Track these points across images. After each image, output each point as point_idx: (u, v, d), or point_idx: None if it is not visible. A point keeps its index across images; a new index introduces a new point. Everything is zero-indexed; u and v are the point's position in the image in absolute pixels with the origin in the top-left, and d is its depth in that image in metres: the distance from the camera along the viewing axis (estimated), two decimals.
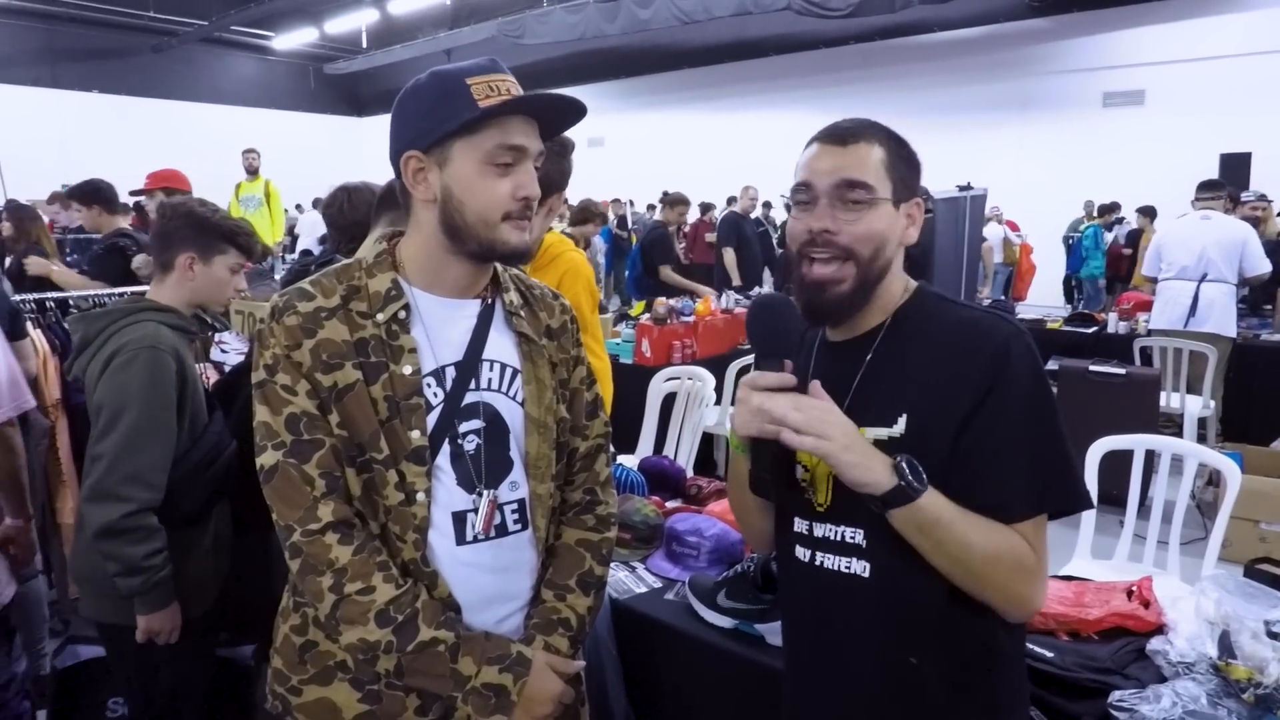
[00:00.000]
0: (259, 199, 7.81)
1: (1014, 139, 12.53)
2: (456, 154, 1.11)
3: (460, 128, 1.09)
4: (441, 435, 1.16)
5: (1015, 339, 1.04)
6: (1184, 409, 4.77)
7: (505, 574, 1.22)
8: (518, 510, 1.23)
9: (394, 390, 1.13)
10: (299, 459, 1.10)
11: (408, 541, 1.14)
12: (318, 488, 1.10)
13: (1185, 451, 2.54)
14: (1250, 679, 1.36)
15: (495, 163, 1.11)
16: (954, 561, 1.01)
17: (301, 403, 1.11)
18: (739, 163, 13.61)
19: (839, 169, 1.08)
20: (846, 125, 1.11)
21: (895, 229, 1.10)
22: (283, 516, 1.11)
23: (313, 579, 1.10)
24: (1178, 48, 11.21)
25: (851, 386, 1.11)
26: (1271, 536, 3.71)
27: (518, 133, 1.12)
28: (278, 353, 1.12)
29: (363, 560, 1.10)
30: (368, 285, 1.17)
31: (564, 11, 13.42)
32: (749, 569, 1.70)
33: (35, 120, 16.44)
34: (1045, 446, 1.03)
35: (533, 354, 1.25)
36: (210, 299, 1.95)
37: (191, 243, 1.88)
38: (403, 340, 1.15)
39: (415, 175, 1.14)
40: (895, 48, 13.55)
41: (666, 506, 2.27)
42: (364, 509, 1.14)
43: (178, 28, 17.55)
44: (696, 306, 5.26)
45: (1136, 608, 1.61)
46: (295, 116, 20.73)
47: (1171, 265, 5.22)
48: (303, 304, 1.14)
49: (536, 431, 1.24)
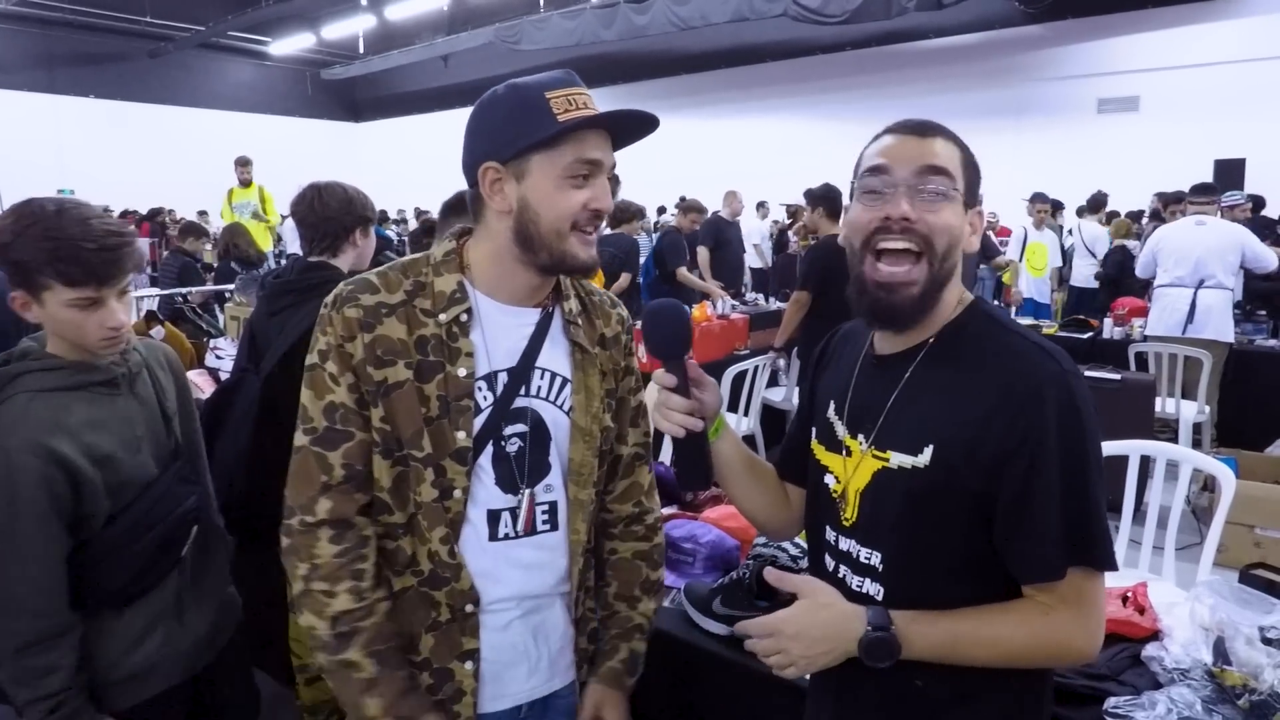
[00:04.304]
0: (254, 205, 7.81)
1: (1009, 145, 12.57)
2: (535, 167, 1.13)
3: (540, 142, 1.11)
4: (486, 437, 1.19)
5: (1054, 383, 0.97)
6: (1179, 414, 4.78)
7: (531, 571, 1.24)
8: (548, 512, 1.25)
9: (447, 390, 1.16)
10: (325, 446, 1.15)
11: (433, 536, 1.18)
12: (335, 476, 1.15)
13: (1180, 457, 2.55)
14: (1245, 685, 1.36)
15: (573, 176, 1.13)
16: (993, 660, 1.02)
17: (342, 395, 1.15)
18: (736, 168, 13.64)
19: (922, 155, 1.03)
20: (921, 120, 1.08)
21: (965, 231, 1.06)
22: (290, 496, 1.17)
23: (293, 561, 1.16)
24: (1172, 54, 11.26)
25: (886, 406, 1.08)
26: (1267, 542, 3.71)
27: (594, 147, 1.14)
28: (331, 341, 1.15)
29: (339, 565, 1.15)
30: (433, 283, 1.19)
31: (561, 17, 13.45)
32: (744, 576, 1.70)
33: (32, 125, 16.45)
34: (1080, 501, 0.98)
35: (585, 363, 1.27)
36: (80, 343, 1.43)
37: (14, 280, 1.40)
38: (461, 343, 1.17)
39: (492, 185, 1.15)
40: (891, 54, 13.60)
41: (662, 513, 2.27)
42: (393, 500, 1.18)
43: (174, 33, 17.58)
44: (693, 312, 5.27)
45: (1132, 614, 1.61)
46: (292, 122, 20.75)
47: (1167, 271, 5.22)
48: (365, 296, 1.16)
49: (582, 439, 1.26)
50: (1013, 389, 0.98)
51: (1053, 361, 0.99)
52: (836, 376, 1.21)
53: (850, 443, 1.13)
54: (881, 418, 1.08)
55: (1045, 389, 0.97)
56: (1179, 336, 5.02)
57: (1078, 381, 0.99)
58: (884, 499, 1.06)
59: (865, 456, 1.09)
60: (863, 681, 1.11)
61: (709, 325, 5.16)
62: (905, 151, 1.04)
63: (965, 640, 1.00)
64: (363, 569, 1.16)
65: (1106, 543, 0.99)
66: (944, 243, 1.02)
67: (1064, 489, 0.97)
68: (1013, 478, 0.97)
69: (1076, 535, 0.98)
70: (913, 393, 1.06)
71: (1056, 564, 0.98)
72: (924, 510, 1.03)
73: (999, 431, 0.97)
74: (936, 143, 1.05)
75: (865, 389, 1.13)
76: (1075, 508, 0.97)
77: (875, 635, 1.00)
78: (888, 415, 1.08)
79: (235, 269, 5.93)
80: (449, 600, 1.20)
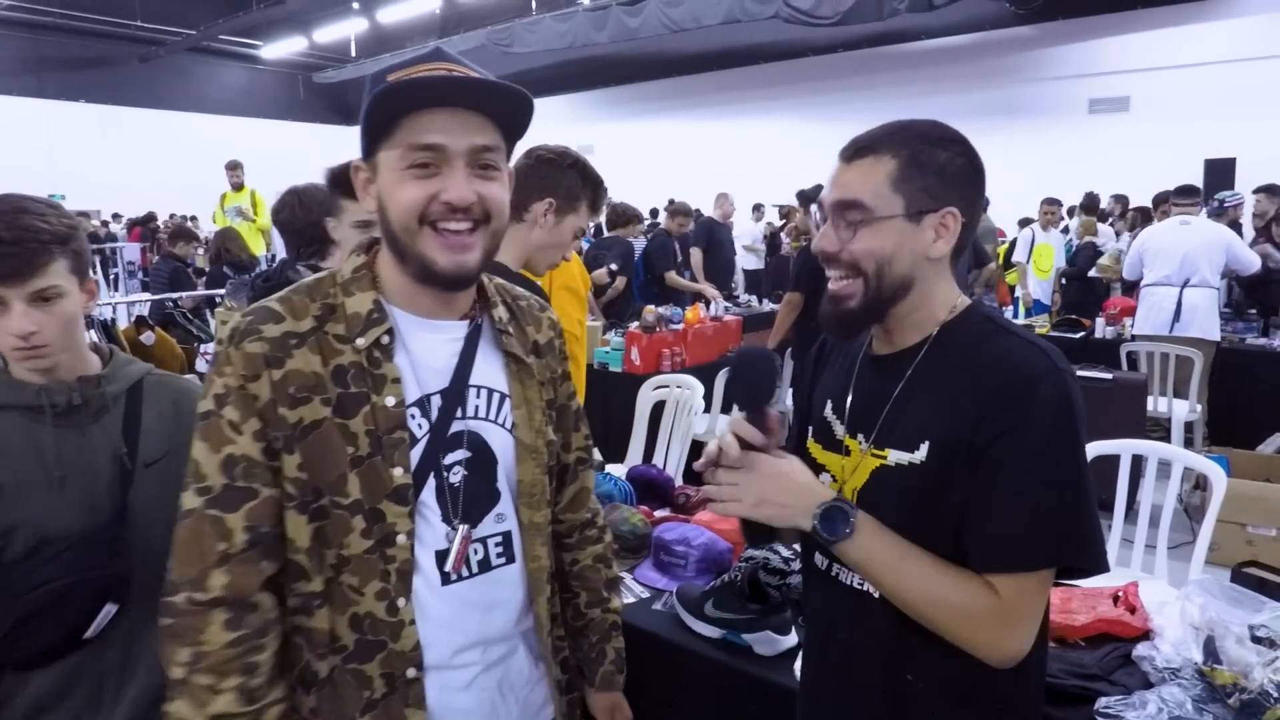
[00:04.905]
0: (246, 209, 7.80)
1: (1000, 145, 12.58)
2: (382, 160, 1.02)
3: (376, 131, 1.00)
4: (426, 470, 1.06)
5: (1047, 380, 0.98)
6: (1171, 413, 4.80)
7: (492, 612, 1.12)
8: (502, 544, 1.13)
9: (376, 424, 1.02)
10: (223, 507, 0.98)
11: (367, 594, 1.02)
12: (236, 542, 0.97)
13: (1172, 456, 2.55)
14: (1235, 684, 1.37)
15: (411, 166, 0.99)
16: (898, 602, 1.03)
17: (244, 445, 0.99)
18: (728, 170, 13.66)
19: (838, 187, 1.07)
20: (862, 138, 1.07)
21: (909, 244, 1.04)
22: (177, 568, 0.98)
23: (173, 646, 0.97)
24: (1162, 54, 11.32)
25: (886, 405, 1.09)
26: (1258, 540, 3.72)
27: (434, 130, 0.98)
28: (230, 383, 0.99)
29: (231, 655, 0.97)
30: (344, 304, 1.05)
31: (553, 20, 13.45)
32: (736, 578, 1.69)
33: (22, 130, 16.37)
34: (1054, 500, 0.97)
35: (522, 374, 1.17)
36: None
37: None
38: (385, 369, 1.04)
39: (365, 187, 1.06)
40: (882, 55, 13.65)
41: (654, 516, 2.26)
42: (309, 563, 1.02)
43: (165, 37, 17.53)
44: (686, 314, 5.26)
45: (1123, 613, 1.61)
46: (283, 126, 20.69)
47: (1153, 271, 5.27)
48: (269, 327, 1.01)
49: (530, 458, 1.15)
50: (1004, 385, 0.99)
51: (1045, 359, 1.00)
52: (834, 377, 1.21)
53: (850, 442, 1.13)
54: (882, 415, 1.09)
55: (1037, 385, 0.98)
56: (1166, 335, 5.05)
57: (1071, 380, 1.00)
58: (882, 497, 1.06)
59: (865, 456, 1.10)
60: (859, 683, 1.12)
61: (701, 327, 5.17)
62: (833, 182, 1.08)
63: (909, 570, 1.01)
64: (257, 662, 0.98)
65: (1088, 544, 0.98)
66: (869, 266, 1.05)
67: (1040, 482, 0.97)
68: (988, 462, 0.98)
69: (1048, 531, 0.97)
70: (911, 392, 1.07)
71: (1015, 554, 0.98)
72: (920, 507, 1.03)
73: (988, 425, 0.98)
74: (863, 165, 1.05)
75: (864, 389, 1.13)
76: (1051, 503, 0.97)
77: (836, 505, 1.03)
78: (888, 413, 1.08)
79: (227, 273, 5.90)
80: (384, 669, 1.03)
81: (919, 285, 1.06)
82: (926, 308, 1.08)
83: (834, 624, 1.16)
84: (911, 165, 1.04)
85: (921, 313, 1.08)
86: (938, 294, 1.08)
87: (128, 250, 10.86)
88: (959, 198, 1.05)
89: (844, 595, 1.12)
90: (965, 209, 1.05)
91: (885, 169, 1.04)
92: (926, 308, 1.08)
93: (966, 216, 1.06)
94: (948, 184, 1.04)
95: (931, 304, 1.08)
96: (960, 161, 1.05)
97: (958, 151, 1.06)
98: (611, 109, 16.72)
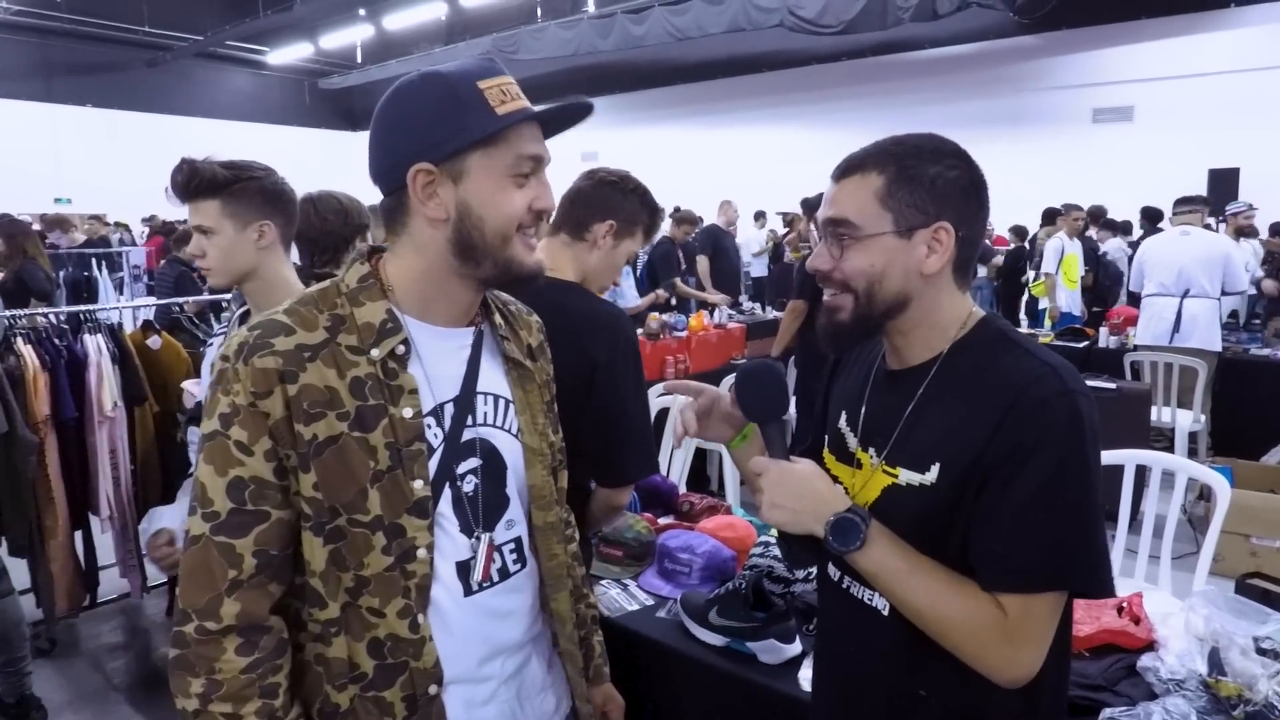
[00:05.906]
0: None
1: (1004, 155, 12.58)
2: (474, 166, 1.00)
3: (480, 139, 0.99)
4: (442, 481, 1.05)
5: (1058, 400, 0.96)
6: (1175, 423, 4.79)
7: (510, 620, 1.13)
8: (515, 550, 1.15)
9: (396, 436, 1.01)
10: (232, 534, 0.96)
11: (388, 614, 1.01)
12: (246, 568, 0.96)
13: (1176, 466, 2.55)
14: (1239, 696, 1.37)
15: (516, 174, 1.02)
16: (908, 614, 1.02)
17: (255, 466, 0.96)
18: (733, 177, 13.69)
19: (828, 205, 1.07)
20: (854, 156, 1.07)
21: (900, 261, 1.03)
22: (186, 598, 0.97)
23: (185, 677, 0.95)
24: (1166, 64, 11.31)
25: (898, 423, 1.07)
26: (1262, 551, 3.72)
27: (534, 141, 1.04)
28: (239, 401, 0.96)
29: (249, 681, 0.95)
30: (354, 315, 1.03)
31: (559, 27, 13.50)
32: (741, 586, 1.70)
33: (29, 134, 16.42)
34: (1061, 524, 0.95)
35: (522, 379, 1.18)
36: None
37: None
38: (402, 379, 1.03)
39: (425, 190, 1.00)
40: (886, 64, 13.66)
41: (659, 523, 2.27)
42: (324, 587, 1.00)
43: (172, 42, 17.58)
44: (690, 322, 5.27)
45: (1127, 624, 1.61)
46: (289, 131, 20.73)
47: (1153, 281, 5.27)
48: (280, 340, 0.98)
49: (538, 461, 1.17)
50: (1015, 407, 0.96)
51: (1058, 379, 0.97)
52: (849, 386, 1.21)
53: (862, 455, 1.13)
54: (894, 434, 1.08)
55: (1048, 407, 0.96)
56: (1166, 346, 5.05)
57: (1085, 402, 0.97)
58: (892, 515, 1.05)
59: (875, 472, 1.09)
60: (868, 697, 1.12)
61: (705, 334, 5.17)
62: (825, 200, 1.09)
63: (919, 584, 1.00)
64: (276, 684, 0.97)
65: (1095, 568, 0.97)
66: (859, 283, 1.05)
67: (1047, 505, 0.95)
68: (997, 481, 0.97)
69: (1053, 554, 0.96)
70: (923, 410, 1.06)
71: (1019, 574, 0.97)
72: (931, 528, 1.02)
73: (998, 444, 0.97)
74: (852, 183, 1.05)
75: (878, 402, 1.12)
76: (1058, 526, 0.95)
77: (848, 516, 1.02)
78: (899, 432, 1.07)
79: None
80: (405, 691, 1.02)
81: (917, 301, 1.05)
82: (932, 324, 1.07)
83: (843, 637, 1.17)
84: (899, 181, 1.02)
85: (927, 329, 1.07)
86: (942, 310, 1.07)
87: (133, 254, 10.89)
88: (952, 212, 1.02)
89: (856, 610, 1.12)
90: (960, 223, 1.03)
91: (872, 186, 1.03)
92: (932, 324, 1.07)
93: (963, 231, 1.03)
94: (939, 198, 1.02)
95: (937, 320, 1.07)
96: (953, 175, 1.03)
97: (950, 165, 1.03)
98: (616, 116, 16.73)
